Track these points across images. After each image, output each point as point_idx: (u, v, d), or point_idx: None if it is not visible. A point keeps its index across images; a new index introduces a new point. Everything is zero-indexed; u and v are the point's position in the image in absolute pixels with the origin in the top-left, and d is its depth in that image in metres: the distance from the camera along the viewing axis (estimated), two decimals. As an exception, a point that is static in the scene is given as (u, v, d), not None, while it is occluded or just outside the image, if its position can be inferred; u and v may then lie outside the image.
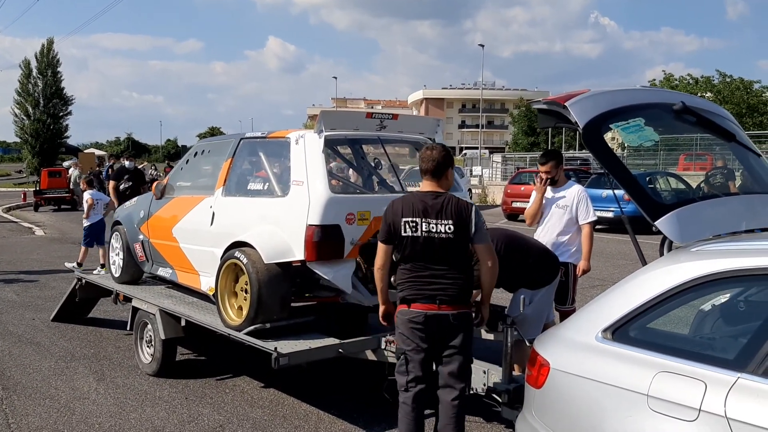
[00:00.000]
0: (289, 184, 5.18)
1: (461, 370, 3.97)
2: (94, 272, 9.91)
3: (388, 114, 5.56)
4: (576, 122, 3.38)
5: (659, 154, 27.59)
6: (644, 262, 3.33)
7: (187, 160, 6.77)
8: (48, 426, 4.97)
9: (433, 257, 3.85)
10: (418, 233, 3.83)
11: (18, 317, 8.30)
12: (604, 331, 3.08)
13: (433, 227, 3.81)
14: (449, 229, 3.80)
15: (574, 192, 5.67)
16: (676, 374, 2.70)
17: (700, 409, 2.57)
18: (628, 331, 3.03)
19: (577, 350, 3.17)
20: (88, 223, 10.62)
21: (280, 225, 5.15)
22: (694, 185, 15.09)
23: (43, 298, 9.38)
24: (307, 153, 5.14)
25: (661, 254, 3.39)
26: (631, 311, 3.03)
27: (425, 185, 4.00)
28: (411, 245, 3.87)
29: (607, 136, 3.57)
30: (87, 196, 10.81)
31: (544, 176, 5.86)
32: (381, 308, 4.16)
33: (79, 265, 10.55)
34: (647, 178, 18.78)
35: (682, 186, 17.99)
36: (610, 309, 3.14)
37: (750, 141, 4.00)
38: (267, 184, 5.54)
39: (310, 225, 4.90)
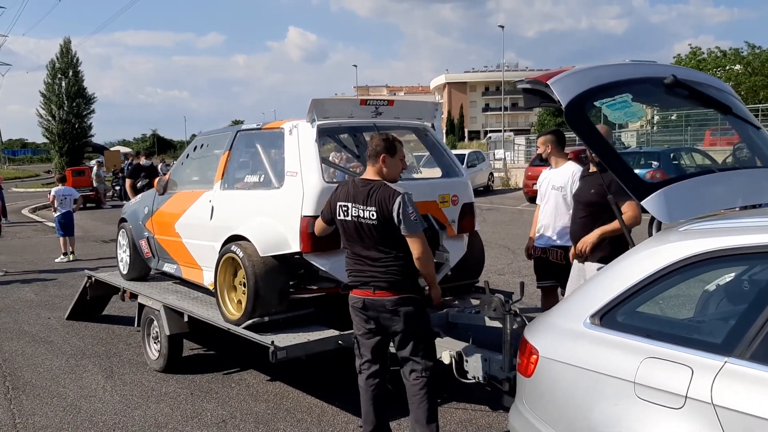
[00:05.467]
0: (284, 175, 5.12)
1: (416, 351, 4.06)
2: (56, 260, 12.65)
3: (383, 100, 5.47)
4: (558, 101, 3.25)
5: (686, 130, 27.05)
6: (632, 244, 3.21)
7: (188, 155, 6.75)
8: (53, 425, 4.99)
9: (365, 243, 3.99)
10: (349, 217, 4.01)
11: (34, 316, 8.40)
12: (592, 316, 2.97)
13: (361, 212, 3.96)
14: (372, 216, 3.92)
15: (569, 172, 5.54)
16: (662, 360, 2.59)
17: (686, 396, 2.45)
18: (616, 316, 2.91)
19: (565, 337, 3.07)
20: (56, 215, 12.62)
21: (275, 217, 5.10)
22: (719, 160, 14.77)
23: (61, 297, 9.47)
24: (301, 143, 5.07)
25: (650, 234, 3.26)
26: (619, 295, 2.92)
27: (366, 171, 4.17)
28: (344, 229, 4.09)
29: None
30: (52, 192, 12.89)
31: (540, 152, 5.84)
32: None
33: (65, 254, 12.83)
34: (671, 155, 18.43)
35: (707, 162, 17.61)
36: (598, 294, 3.03)
37: (749, 113, 3.82)
38: (263, 176, 5.48)
39: (304, 216, 4.84)
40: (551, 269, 5.70)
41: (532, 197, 21.11)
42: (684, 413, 2.46)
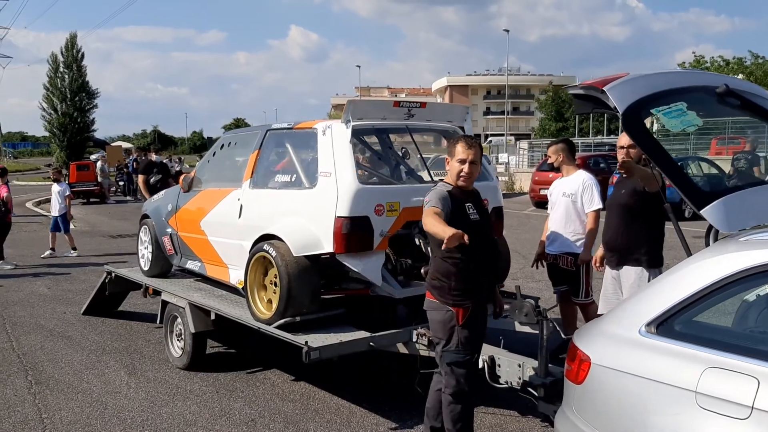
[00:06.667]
0: (316, 175, 5.10)
1: (441, 363, 4.01)
2: (67, 254, 12.53)
3: (416, 102, 5.46)
4: (615, 108, 3.24)
5: (690, 139, 27.05)
6: (689, 253, 3.20)
7: (214, 153, 6.73)
8: (80, 421, 4.97)
9: None
10: None
11: (49, 311, 8.37)
12: (648, 324, 2.96)
13: None
14: None
15: (579, 180, 5.63)
16: (726, 370, 2.59)
17: (752, 407, 2.45)
18: (674, 324, 2.91)
19: (619, 345, 3.06)
20: (64, 212, 12.62)
21: (308, 217, 5.08)
22: (726, 169, 14.79)
23: (74, 292, 9.44)
24: (335, 143, 5.05)
25: (707, 244, 3.26)
26: (677, 304, 2.91)
27: None
28: None
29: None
30: (67, 191, 12.84)
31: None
32: None
33: (74, 249, 12.76)
34: (679, 164, 18.41)
35: (714, 171, 17.61)
36: (654, 302, 3.02)
37: (798, 124, 3.82)
38: (294, 175, 5.46)
39: (338, 217, 4.82)
40: (563, 275, 5.75)
41: (538, 202, 21.14)
42: (750, 423, 2.45)
